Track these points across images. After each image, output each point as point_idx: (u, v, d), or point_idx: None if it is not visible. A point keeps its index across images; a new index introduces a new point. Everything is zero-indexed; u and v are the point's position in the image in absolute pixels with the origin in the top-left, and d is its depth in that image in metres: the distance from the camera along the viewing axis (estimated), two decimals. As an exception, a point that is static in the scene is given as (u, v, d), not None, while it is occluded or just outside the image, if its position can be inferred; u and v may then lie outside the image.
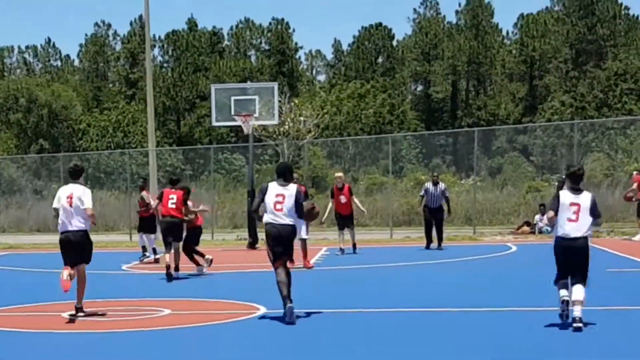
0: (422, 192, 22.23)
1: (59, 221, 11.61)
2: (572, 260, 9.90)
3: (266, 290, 13.86)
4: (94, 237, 11.90)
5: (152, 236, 20.03)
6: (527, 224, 27.13)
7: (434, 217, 21.71)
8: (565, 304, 9.74)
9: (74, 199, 11.49)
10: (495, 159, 45.71)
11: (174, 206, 16.18)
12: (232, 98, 24.44)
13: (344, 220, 20.56)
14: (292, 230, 11.07)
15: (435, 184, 21.92)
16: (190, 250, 17.03)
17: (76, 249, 11.45)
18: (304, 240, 17.53)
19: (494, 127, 54.82)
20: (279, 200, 10.95)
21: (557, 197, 10.00)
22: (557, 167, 44.05)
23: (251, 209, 13.86)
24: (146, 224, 20.01)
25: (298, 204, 11.02)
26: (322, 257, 20.27)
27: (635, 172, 23.80)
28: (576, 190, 9.96)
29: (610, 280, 14.31)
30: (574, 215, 9.83)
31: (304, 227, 17.25)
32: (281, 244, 10.97)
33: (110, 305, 12.61)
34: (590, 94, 60.96)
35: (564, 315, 9.73)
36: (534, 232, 26.37)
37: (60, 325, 10.92)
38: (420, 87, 77.00)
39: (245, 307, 12.02)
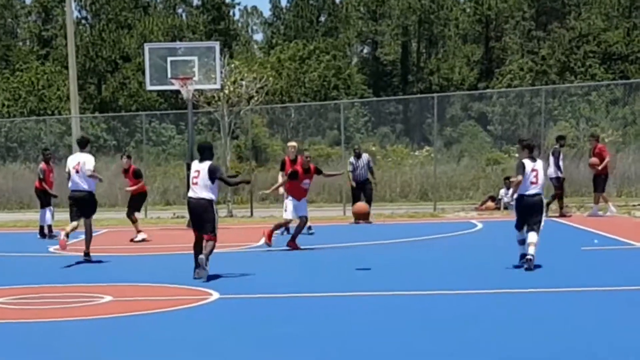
0: (349, 168, 23.40)
1: (69, 182, 16.03)
2: (531, 212, 13.54)
3: (217, 273, 13.89)
4: (8, 216, 11.88)
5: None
6: (492, 199, 27.45)
7: (362, 191, 22.80)
8: (523, 256, 13.43)
9: (80, 165, 15.75)
10: (450, 129, 46.04)
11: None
12: (169, 59, 24.08)
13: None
14: (207, 204, 13.17)
15: (358, 156, 23.28)
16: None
17: (81, 205, 15.52)
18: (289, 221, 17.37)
19: (448, 93, 55.15)
20: (195, 175, 13.27)
21: (523, 165, 13.49)
22: (517, 137, 44.54)
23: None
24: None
25: (213, 179, 13.14)
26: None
27: (591, 138, 24.31)
28: (533, 158, 13.64)
29: (586, 260, 14.64)
30: (535, 179, 13.49)
31: (290, 205, 17.10)
32: (196, 216, 13.29)
33: (44, 291, 12.48)
34: (552, 57, 61.61)
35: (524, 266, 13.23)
36: (499, 208, 26.67)
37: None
38: (367, 49, 77.06)
39: (195, 293, 11.99)
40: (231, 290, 12.06)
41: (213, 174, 13.14)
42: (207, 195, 13.15)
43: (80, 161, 15.86)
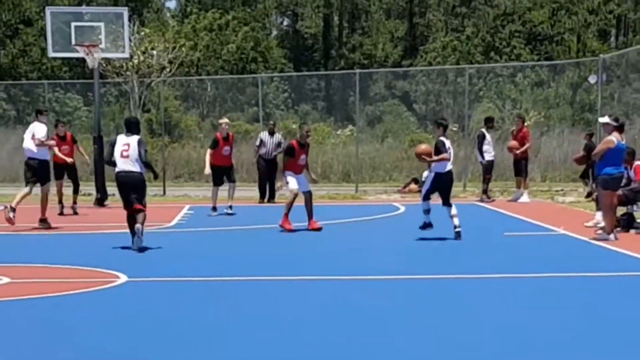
0: (257, 142, 24.02)
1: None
2: (447, 187, 15.65)
3: (125, 255, 13.71)
4: None
5: None
6: (415, 181, 27.59)
7: (268, 170, 23.36)
8: (428, 225, 15.42)
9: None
10: (374, 107, 46.18)
11: None
12: (72, 24, 23.63)
13: (226, 173, 20.31)
14: (140, 177, 14.03)
15: (272, 133, 23.87)
16: None
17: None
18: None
19: (371, 70, 55.31)
20: (125, 148, 13.93)
21: (443, 143, 15.35)
22: (441, 118, 44.89)
23: (105, 158, 15.19)
24: None
25: (142, 153, 13.94)
26: (185, 218, 20.08)
27: (517, 119, 24.63)
28: (446, 137, 15.69)
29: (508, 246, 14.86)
30: (451, 157, 15.57)
31: (292, 179, 17.01)
32: (128, 190, 14.02)
33: None
34: (477, 36, 62.24)
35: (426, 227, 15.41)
36: (421, 191, 26.82)
37: None
38: (287, 21, 76.86)
39: (101, 275, 11.83)
40: (140, 273, 11.89)
41: (142, 148, 14.04)
42: (139, 169, 14.02)
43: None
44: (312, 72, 59.43)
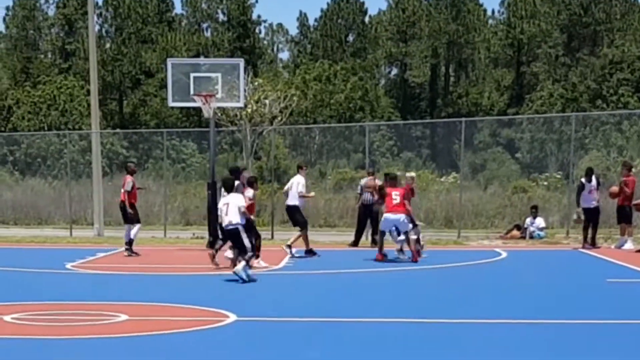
0: (359, 190, 24.12)
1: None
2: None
3: (234, 295, 14.07)
4: (27, 232, 12.08)
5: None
6: (517, 227, 27.40)
7: (368, 215, 23.61)
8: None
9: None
10: (478, 154, 46.08)
11: None
12: (192, 75, 24.18)
13: None
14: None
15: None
16: None
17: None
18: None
19: (476, 118, 55.17)
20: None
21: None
22: (545, 165, 44.56)
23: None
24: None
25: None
26: (292, 261, 20.36)
27: (623, 167, 24.15)
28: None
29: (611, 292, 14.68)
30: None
31: None
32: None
33: (59, 308, 12.64)
34: (582, 84, 61.56)
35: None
36: (524, 237, 26.63)
37: (2, 329, 10.94)
38: (395, 71, 77.24)
39: (212, 314, 12.12)
40: (249, 313, 12.20)
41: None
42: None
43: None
44: (418, 120, 59.51)
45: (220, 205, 16.44)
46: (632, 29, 66.03)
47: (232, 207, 15.99)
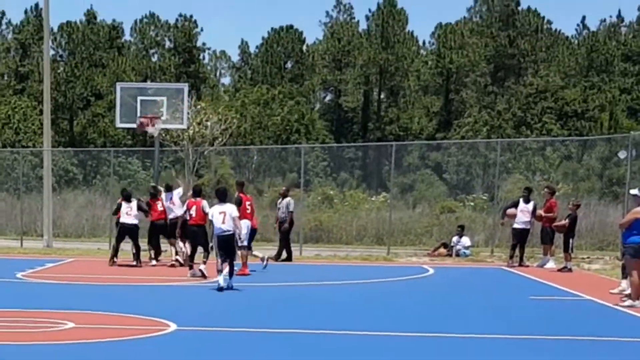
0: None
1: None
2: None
3: (176, 306, 14.15)
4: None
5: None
6: (444, 245, 27.68)
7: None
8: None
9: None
10: (407, 176, 46.56)
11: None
12: (139, 98, 24.32)
13: None
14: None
15: (284, 196, 24.26)
16: None
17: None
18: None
19: (406, 142, 55.79)
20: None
21: None
22: (471, 187, 45.18)
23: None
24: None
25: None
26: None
27: (546, 190, 24.15)
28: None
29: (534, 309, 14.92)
30: None
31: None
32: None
33: (8, 315, 12.63)
34: (508, 112, 62.54)
35: None
36: (451, 255, 26.87)
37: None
38: (330, 96, 77.76)
39: (154, 323, 12.20)
40: (189, 322, 12.29)
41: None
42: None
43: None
44: (351, 143, 59.97)
45: (214, 212, 16.50)
46: (557, 61, 67.27)
47: (227, 216, 16.29)
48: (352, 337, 11.51)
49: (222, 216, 16.32)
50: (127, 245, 22.45)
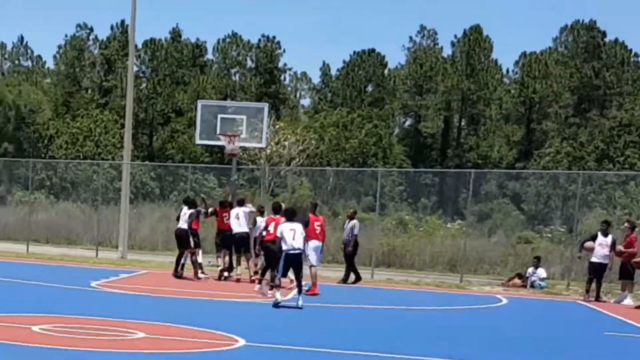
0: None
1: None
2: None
3: (246, 321, 14.31)
4: (57, 250, 12.40)
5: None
6: (519, 276, 27.30)
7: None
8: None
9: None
10: (484, 204, 46.23)
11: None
12: (219, 116, 24.64)
13: None
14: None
15: (351, 218, 24.48)
16: None
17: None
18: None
19: (486, 170, 55.41)
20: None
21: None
22: (549, 219, 44.61)
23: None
24: None
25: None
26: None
27: (627, 225, 23.62)
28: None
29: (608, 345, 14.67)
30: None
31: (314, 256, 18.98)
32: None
33: (80, 322, 12.92)
34: (590, 144, 61.65)
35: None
36: (525, 286, 26.49)
37: (29, 338, 11.21)
38: (409, 121, 77.70)
39: (223, 338, 12.33)
40: (258, 339, 12.38)
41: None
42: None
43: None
44: (428, 168, 59.77)
45: (284, 229, 16.86)
46: (642, 93, 66.04)
47: (298, 234, 16.65)
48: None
49: (292, 233, 16.59)
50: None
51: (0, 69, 79.12)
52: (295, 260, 16.61)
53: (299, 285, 16.80)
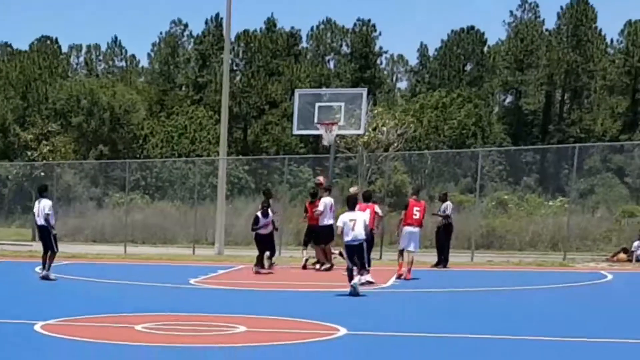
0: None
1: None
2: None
3: (346, 311, 14.53)
4: (154, 250, 12.72)
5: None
6: (624, 251, 26.94)
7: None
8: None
9: None
10: (587, 179, 45.36)
11: None
12: (317, 104, 24.54)
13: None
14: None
15: (443, 200, 24.46)
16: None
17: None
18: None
19: (588, 144, 54.30)
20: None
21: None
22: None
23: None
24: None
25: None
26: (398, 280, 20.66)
27: None
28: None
29: None
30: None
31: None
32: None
33: (181, 319, 13.31)
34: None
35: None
36: (631, 260, 26.14)
37: (133, 337, 11.62)
38: (510, 98, 76.58)
39: (324, 328, 12.52)
40: (358, 327, 12.56)
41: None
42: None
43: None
44: (529, 146, 58.82)
45: (345, 220, 16.52)
46: None
47: (359, 223, 16.35)
48: (523, 342, 11.45)
49: (352, 223, 16.39)
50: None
51: (95, 71, 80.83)
52: (356, 250, 16.54)
53: (362, 268, 16.90)
